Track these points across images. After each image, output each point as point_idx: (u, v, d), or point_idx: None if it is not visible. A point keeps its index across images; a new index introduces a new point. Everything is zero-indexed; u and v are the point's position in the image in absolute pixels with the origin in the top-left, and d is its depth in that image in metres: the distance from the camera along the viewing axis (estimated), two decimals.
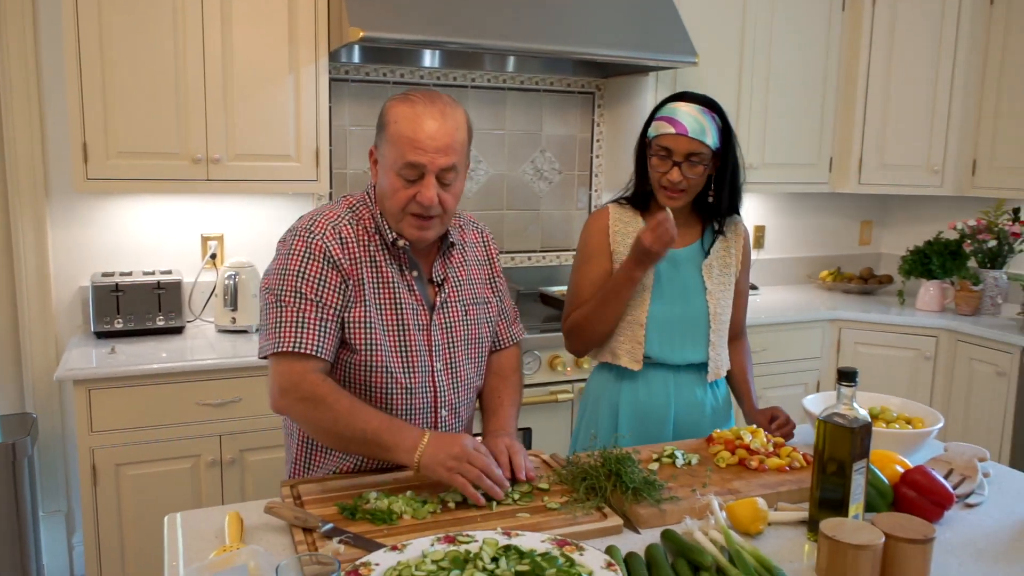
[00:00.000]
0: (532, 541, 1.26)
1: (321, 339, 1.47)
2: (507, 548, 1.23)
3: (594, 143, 3.61)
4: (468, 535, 1.28)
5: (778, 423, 1.78)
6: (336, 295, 1.49)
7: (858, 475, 1.31)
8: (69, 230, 2.84)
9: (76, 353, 2.51)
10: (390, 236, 1.55)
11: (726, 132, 1.85)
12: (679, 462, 1.60)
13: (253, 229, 3.08)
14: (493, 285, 1.74)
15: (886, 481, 1.43)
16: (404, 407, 1.57)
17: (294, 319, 1.46)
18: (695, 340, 1.93)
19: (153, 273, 2.81)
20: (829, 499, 1.33)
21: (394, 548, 1.23)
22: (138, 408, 2.41)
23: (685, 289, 1.92)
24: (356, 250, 1.53)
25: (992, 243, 3.38)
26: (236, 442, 2.53)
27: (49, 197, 2.79)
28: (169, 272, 2.83)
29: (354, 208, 1.59)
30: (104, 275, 2.74)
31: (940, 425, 1.68)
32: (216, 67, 2.62)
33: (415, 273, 1.59)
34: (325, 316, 1.48)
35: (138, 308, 2.69)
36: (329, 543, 1.26)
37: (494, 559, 1.19)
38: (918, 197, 4.09)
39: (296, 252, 1.50)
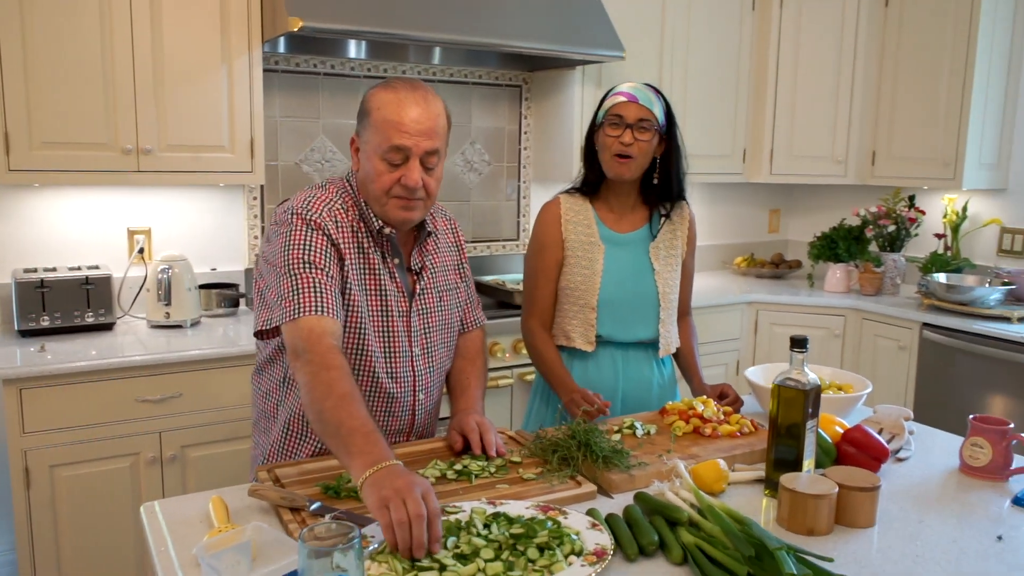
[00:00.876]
0: (517, 508, 1.32)
1: (337, 305, 1.49)
2: (496, 515, 1.28)
3: (522, 135, 3.69)
4: (455, 506, 1.33)
5: (728, 400, 1.89)
6: (338, 269, 1.53)
7: (810, 433, 1.43)
8: None
9: (1, 352, 2.40)
10: (376, 224, 1.58)
11: (670, 117, 1.96)
12: (639, 432, 1.69)
13: (181, 223, 3.01)
14: (461, 271, 1.80)
15: (829, 440, 1.56)
16: (387, 390, 1.61)
17: (311, 285, 1.47)
18: (645, 319, 2.02)
19: (79, 269, 2.71)
20: (783, 459, 1.45)
21: None
22: (73, 407, 2.33)
23: (634, 271, 2.02)
24: (348, 233, 1.57)
25: (891, 228, 3.65)
26: (177, 438, 2.48)
27: None
28: (96, 267, 2.74)
29: (341, 194, 1.62)
30: (27, 271, 2.62)
31: (869, 390, 1.84)
32: (146, 55, 2.55)
33: (396, 260, 1.63)
34: (333, 287, 1.50)
35: (65, 305, 2.59)
36: (321, 520, 1.28)
37: (486, 525, 1.25)
38: (822, 186, 4.36)
39: (298, 228, 1.52)
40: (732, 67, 3.83)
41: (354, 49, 3.17)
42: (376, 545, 1.20)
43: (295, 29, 2.47)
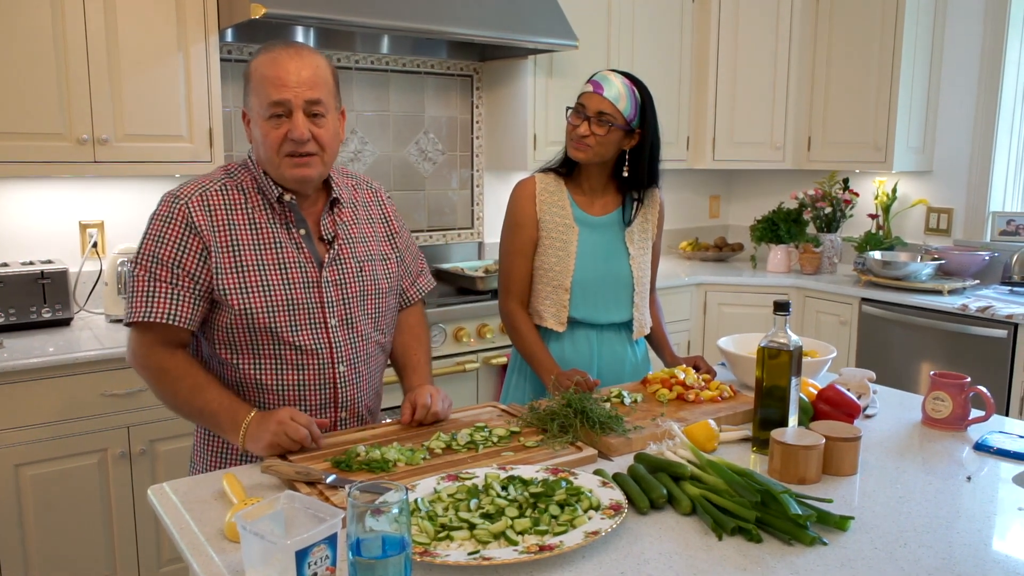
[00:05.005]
0: (529, 472, 1.38)
1: (174, 306, 1.49)
2: (510, 479, 1.33)
3: (474, 124, 3.73)
4: (469, 472, 1.37)
5: (702, 371, 1.97)
6: (196, 260, 1.50)
7: (795, 390, 1.53)
8: None
9: None
10: (275, 192, 1.55)
11: (645, 112, 2.01)
12: (627, 401, 1.76)
13: (133, 215, 2.94)
14: (392, 241, 1.75)
15: (806, 399, 1.67)
16: (295, 364, 1.57)
17: (145, 287, 1.49)
18: (618, 302, 2.09)
19: (32, 263, 2.63)
20: (769, 418, 1.54)
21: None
22: (38, 404, 2.28)
23: (608, 254, 2.07)
24: (226, 215, 1.53)
25: (828, 210, 3.84)
26: (145, 432, 2.44)
27: None
28: (50, 262, 2.66)
29: (232, 173, 1.59)
30: None
31: (834, 354, 1.96)
32: (100, 43, 2.49)
33: (303, 231, 1.58)
34: (180, 282, 1.49)
35: (21, 301, 2.51)
36: (340, 492, 1.31)
37: (504, 488, 1.30)
38: (759, 172, 4.54)
39: (159, 216, 1.52)
40: (675, 58, 3.95)
41: (303, 37, 3.15)
42: (397, 510, 1.23)
43: (257, 16, 2.46)
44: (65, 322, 2.62)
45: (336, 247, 1.62)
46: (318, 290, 1.58)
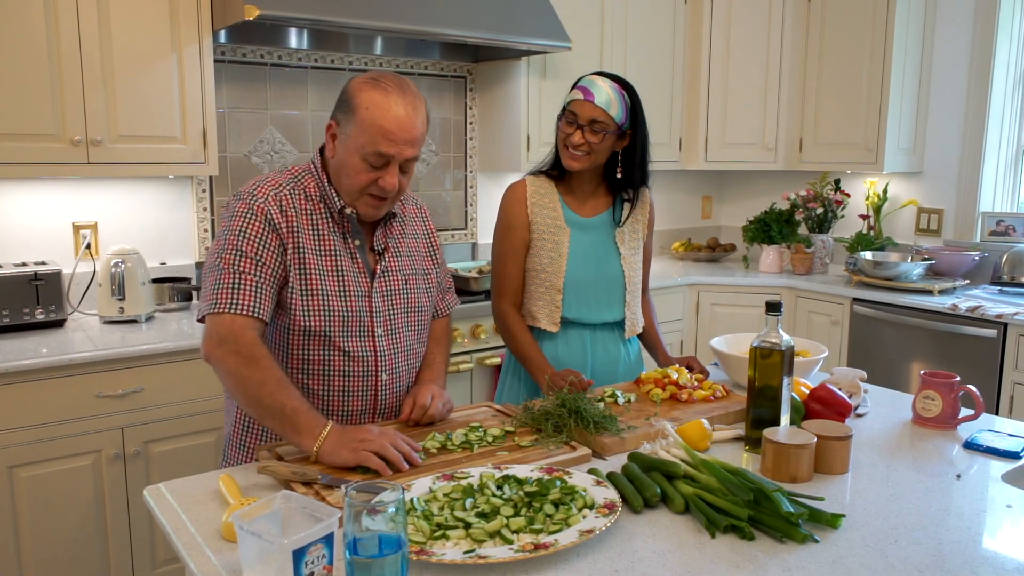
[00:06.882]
0: (524, 471, 1.39)
1: (257, 299, 1.51)
2: (505, 478, 1.34)
3: (467, 126, 3.73)
4: (464, 472, 1.38)
5: (695, 371, 1.99)
6: (275, 256, 1.54)
7: (787, 390, 1.54)
8: None
9: None
10: (338, 203, 1.60)
11: (636, 113, 2.02)
12: (620, 400, 1.77)
13: (128, 216, 2.94)
14: (433, 257, 1.82)
15: (798, 399, 1.68)
16: (342, 371, 1.62)
17: (231, 280, 1.50)
18: (611, 301, 2.10)
19: (26, 265, 2.62)
20: (761, 418, 1.56)
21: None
22: (32, 405, 2.27)
23: (600, 254, 2.09)
24: (295, 218, 1.58)
25: (819, 211, 3.86)
26: (140, 434, 2.44)
27: None
28: (43, 263, 2.66)
29: (297, 177, 1.63)
30: None
31: (826, 354, 1.97)
32: (93, 44, 2.49)
33: (357, 242, 1.64)
34: (263, 276, 1.52)
35: (13, 302, 2.51)
36: (336, 492, 1.32)
37: (499, 487, 1.31)
38: (751, 173, 4.56)
39: (239, 213, 1.55)
40: (668, 59, 3.97)
41: (296, 39, 3.16)
42: (393, 510, 1.24)
43: (251, 17, 2.46)
44: (58, 323, 2.62)
45: (386, 259, 1.68)
46: (368, 300, 1.64)
